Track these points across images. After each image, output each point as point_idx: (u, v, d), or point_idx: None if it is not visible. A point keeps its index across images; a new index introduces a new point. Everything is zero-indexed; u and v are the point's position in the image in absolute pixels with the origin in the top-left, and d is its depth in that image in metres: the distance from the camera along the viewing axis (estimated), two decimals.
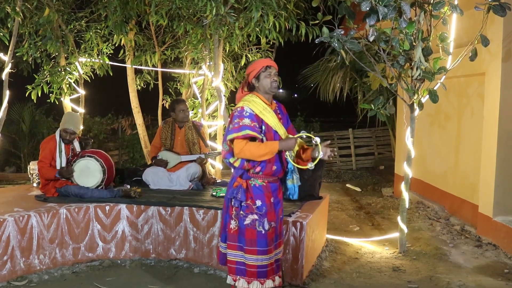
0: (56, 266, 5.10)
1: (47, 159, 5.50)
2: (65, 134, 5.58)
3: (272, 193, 3.80)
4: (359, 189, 9.86)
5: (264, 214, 3.71)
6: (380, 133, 13.48)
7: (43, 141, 5.66)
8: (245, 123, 3.64)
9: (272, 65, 3.82)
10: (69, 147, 5.65)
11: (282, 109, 3.97)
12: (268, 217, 3.73)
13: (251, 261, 3.69)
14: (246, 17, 6.43)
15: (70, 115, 5.81)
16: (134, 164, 12.39)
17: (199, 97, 8.24)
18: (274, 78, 3.79)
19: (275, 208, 3.81)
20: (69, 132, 5.58)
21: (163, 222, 5.39)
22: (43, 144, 5.60)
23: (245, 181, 3.76)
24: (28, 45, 7.30)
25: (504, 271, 5.25)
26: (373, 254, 5.86)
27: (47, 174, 5.50)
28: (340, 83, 11.53)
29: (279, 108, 3.94)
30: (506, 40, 5.82)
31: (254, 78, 3.80)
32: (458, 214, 7.11)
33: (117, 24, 7.17)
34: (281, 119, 3.87)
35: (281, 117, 3.90)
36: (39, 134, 12.14)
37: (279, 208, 3.89)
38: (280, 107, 3.97)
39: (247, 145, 3.61)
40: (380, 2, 4.78)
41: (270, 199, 3.78)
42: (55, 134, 5.63)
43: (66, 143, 5.63)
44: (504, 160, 5.96)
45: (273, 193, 3.81)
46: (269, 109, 3.78)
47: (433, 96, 5.40)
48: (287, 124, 3.93)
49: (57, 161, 5.53)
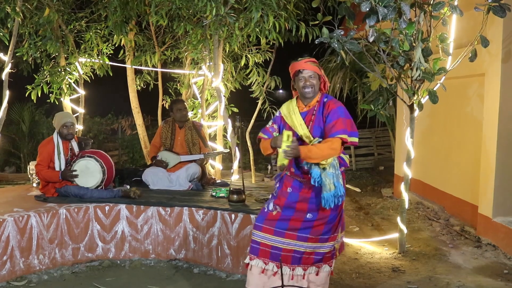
0: (55, 266, 5.11)
1: (45, 163, 5.48)
2: (65, 130, 5.56)
3: (291, 185, 3.96)
4: (358, 190, 9.86)
5: (275, 196, 4.03)
6: (380, 134, 13.49)
7: (41, 144, 5.64)
8: (268, 125, 4.11)
9: (305, 68, 3.82)
10: (67, 147, 5.64)
11: (325, 107, 3.83)
12: (275, 200, 4.01)
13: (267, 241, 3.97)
14: (246, 18, 6.42)
15: (61, 113, 5.78)
16: (134, 165, 12.41)
17: (199, 97, 8.24)
18: (306, 83, 3.82)
19: (287, 198, 3.93)
20: (69, 125, 5.57)
21: (163, 222, 5.39)
22: (41, 147, 5.58)
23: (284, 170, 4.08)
24: (28, 45, 7.29)
25: (503, 272, 5.25)
26: (372, 255, 5.87)
27: (49, 177, 5.49)
28: (340, 83, 11.54)
29: (321, 107, 3.86)
30: (506, 41, 5.82)
31: (292, 80, 3.97)
32: (458, 215, 7.11)
33: (117, 24, 7.16)
34: (313, 121, 3.84)
35: (315, 118, 3.84)
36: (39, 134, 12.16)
37: (294, 200, 3.91)
38: (322, 107, 3.85)
39: (260, 143, 4.08)
40: (380, 3, 4.78)
41: (286, 188, 3.97)
42: (53, 136, 5.61)
43: (69, 138, 5.61)
44: (504, 160, 5.97)
45: (293, 186, 3.95)
46: (296, 110, 3.91)
47: (432, 97, 5.40)
48: (326, 122, 3.77)
49: (56, 162, 5.52)
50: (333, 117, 3.73)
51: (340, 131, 3.68)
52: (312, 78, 3.82)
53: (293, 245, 3.93)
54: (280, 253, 3.92)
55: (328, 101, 3.85)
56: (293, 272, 3.97)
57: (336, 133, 3.68)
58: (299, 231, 3.92)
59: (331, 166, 3.70)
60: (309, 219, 3.90)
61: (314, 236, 3.92)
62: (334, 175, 3.71)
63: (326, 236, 3.95)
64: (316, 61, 3.91)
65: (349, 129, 3.73)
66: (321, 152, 3.63)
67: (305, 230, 3.91)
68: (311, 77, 3.82)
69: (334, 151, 3.67)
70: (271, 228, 3.94)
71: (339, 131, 3.68)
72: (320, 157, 3.64)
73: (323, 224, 3.91)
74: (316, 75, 3.85)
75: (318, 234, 3.92)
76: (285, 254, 3.93)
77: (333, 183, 3.69)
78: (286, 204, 3.94)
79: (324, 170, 3.70)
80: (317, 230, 3.91)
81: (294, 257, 3.95)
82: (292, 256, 3.95)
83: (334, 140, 3.66)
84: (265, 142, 4.00)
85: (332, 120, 3.73)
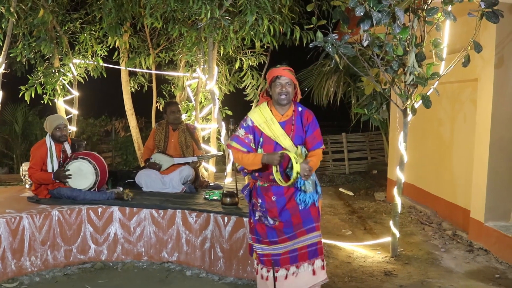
0: (47, 268, 5.09)
1: (37, 166, 5.47)
2: (58, 132, 5.55)
3: (273, 193, 3.96)
4: (352, 194, 9.87)
5: (266, 211, 3.98)
6: (374, 138, 13.51)
7: (34, 147, 5.61)
8: (238, 134, 3.97)
9: (283, 75, 3.87)
10: (60, 150, 5.62)
11: (303, 117, 3.98)
12: (269, 214, 3.98)
13: (267, 251, 4.01)
14: (241, 21, 6.43)
15: (52, 116, 5.76)
16: (127, 167, 12.37)
17: (193, 100, 8.24)
18: (282, 89, 3.87)
19: (277, 206, 3.95)
20: (61, 127, 5.57)
21: (156, 225, 5.38)
22: (34, 150, 5.55)
23: (253, 181, 4.12)
24: (22, 46, 7.27)
25: (495, 276, 5.27)
26: (365, 259, 5.88)
27: (42, 179, 5.48)
28: (334, 87, 11.55)
29: (299, 117, 3.97)
30: (498, 47, 5.86)
31: (269, 86, 3.99)
32: (450, 219, 7.14)
33: (112, 26, 7.16)
34: (293, 130, 3.92)
35: (296, 127, 3.93)
36: (32, 135, 12.10)
37: (283, 203, 3.95)
38: (301, 116, 3.98)
39: (237, 154, 3.97)
40: (374, 8, 4.80)
41: (270, 198, 3.96)
42: (45, 139, 5.60)
43: (62, 141, 5.61)
44: (496, 165, 6.00)
45: (274, 193, 3.96)
46: (274, 120, 3.91)
47: (426, 102, 5.42)
48: (307, 133, 3.96)
49: (48, 165, 5.50)
50: (313, 129, 3.98)
51: (320, 142, 4.00)
52: (289, 85, 3.88)
53: (307, 240, 3.99)
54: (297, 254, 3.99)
55: (305, 110, 4.01)
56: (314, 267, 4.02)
57: (319, 144, 3.98)
58: (303, 224, 3.97)
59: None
60: (303, 209, 3.96)
61: (317, 224, 4.03)
62: (314, 177, 3.98)
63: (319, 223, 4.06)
64: (293, 70, 4.00)
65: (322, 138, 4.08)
66: (316, 166, 3.88)
67: (309, 220, 3.98)
68: (288, 84, 3.87)
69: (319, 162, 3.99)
70: (285, 237, 3.99)
71: (320, 142, 3.99)
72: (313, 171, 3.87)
73: (317, 209, 4.02)
74: (292, 84, 3.91)
75: (319, 221, 4.05)
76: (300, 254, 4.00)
77: (313, 185, 3.95)
78: (279, 212, 3.95)
79: None
80: (317, 217, 4.02)
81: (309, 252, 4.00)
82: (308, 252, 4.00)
83: (319, 151, 3.98)
84: (247, 155, 3.91)
85: (313, 131, 3.97)
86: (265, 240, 4.01)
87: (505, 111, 5.97)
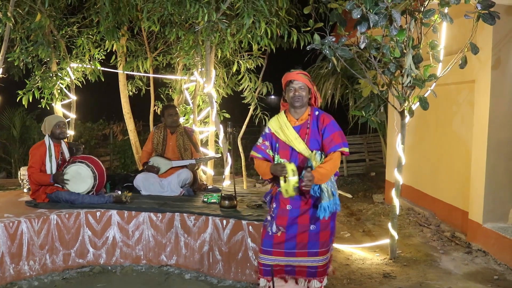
0: (46, 273, 5.09)
1: (37, 165, 5.48)
2: (58, 130, 5.61)
3: (290, 202, 3.93)
4: (350, 196, 9.88)
5: (275, 217, 3.97)
6: (371, 140, 13.53)
7: (33, 147, 5.64)
8: (258, 142, 4.07)
9: (296, 79, 3.90)
10: (58, 151, 5.64)
11: (319, 121, 3.94)
12: (277, 220, 3.95)
13: (259, 259, 4.04)
14: (238, 24, 6.44)
15: (50, 116, 5.81)
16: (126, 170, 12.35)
17: (190, 103, 8.24)
18: (295, 93, 3.89)
19: (289, 215, 3.93)
20: (61, 124, 5.65)
21: (154, 228, 5.38)
22: (33, 150, 5.58)
23: (276, 187, 4.08)
24: (19, 50, 7.26)
25: (493, 278, 5.28)
26: (364, 261, 5.88)
27: (40, 180, 5.48)
28: (332, 89, 11.57)
29: (315, 120, 3.95)
30: (495, 48, 5.87)
31: (284, 92, 4.03)
32: (449, 221, 7.14)
33: (109, 29, 7.16)
34: (308, 134, 3.90)
35: (311, 131, 3.91)
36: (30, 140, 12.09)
37: (296, 215, 3.93)
38: (317, 120, 3.95)
39: (256, 162, 4.07)
40: (371, 10, 4.81)
41: (285, 205, 3.95)
42: (44, 139, 5.61)
43: (62, 138, 5.66)
44: (494, 167, 6.01)
45: (291, 203, 3.93)
46: (288, 124, 3.94)
47: (423, 103, 5.43)
48: (324, 136, 3.89)
49: (47, 165, 5.52)
50: (330, 131, 3.88)
51: (339, 144, 3.85)
52: (302, 89, 3.90)
53: (306, 262, 3.98)
54: (295, 269, 4.01)
55: (321, 114, 3.97)
56: (309, 284, 4.08)
57: (336, 146, 3.84)
58: (308, 246, 3.94)
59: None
60: (313, 231, 3.92)
61: (324, 249, 3.98)
62: (331, 184, 3.86)
63: (331, 245, 4.06)
64: (308, 74, 4.00)
65: (344, 140, 3.91)
66: (329, 172, 3.79)
67: (314, 244, 3.94)
68: (301, 88, 3.90)
69: (337, 166, 3.88)
70: (281, 250, 3.97)
71: (339, 144, 3.85)
72: (329, 176, 3.81)
73: (328, 234, 3.97)
74: (306, 88, 3.92)
75: (327, 246, 3.99)
76: (298, 269, 4.02)
77: (332, 192, 3.84)
78: (289, 222, 3.94)
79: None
80: (325, 242, 3.97)
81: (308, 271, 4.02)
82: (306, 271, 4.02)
83: (336, 155, 3.84)
84: (262, 164, 3.99)
85: (330, 134, 3.87)
86: (281, 250, 3.96)
87: (502, 113, 5.98)
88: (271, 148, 4.01)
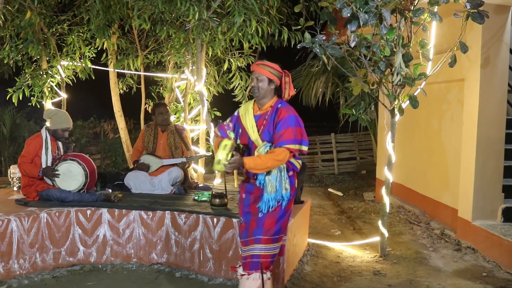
0: (36, 271, 5.06)
1: (29, 155, 5.46)
2: (62, 133, 5.61)
3: (245, 190, 3.97)
4: (341, 194, 9.91)
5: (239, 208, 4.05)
6: (362, 138, 13.57)
7: (29, 138, 5.64)
8: (225, 122, 4.13)
9: (254, 69, 3.92)
10: (54, 145, 5.63)
11: (277, 114, 3.81)
12: (239, 210, 4.04)
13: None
14: (229, 22, 6.45)
15: (63, 114, 5.79)
16: (116, 168, 12.33)
17: (181, 101, 8.24)
18: (252, 83, 3.92)
19: (244, 204, 3.96)
20: (67, 130, 5.68)
21: (145, 227, 5.38)
22: (29, 141, 5.58)
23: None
24: (9, 48, 7.24)
25: (482, 275, 5.32)
26: (354, 258, 5.90)
27: (29, 171, 5.44)
28: (322, 88, 11.58)
29: (273, 113, 3.85)
30: (484, 47, 5.91)
31: None
32: (438, 218, 7.19)
33: (100, 27, 7.15)
34: (264, 125, 3.85)
35: (267, 123, 3.84)
36: (20, 138, 12.03)
37: (248, 203, 3.91)
38: (275, 113, 3.84)
39: (215, 139, 4.10)
40: (361, 9, 4.83)
41: (242, 195, 4.00)
42: (41, 131, 5.60)
43: (61, 141, 5.65)
44: (483, 165, 6.05)
45: (246, 191, 3.96)
46: (250, 112, 3.95)
47: (413, 102, 5.46)
48: (275, 130, 3.77)
49: (42, 158, 5.49)
50: (282, 126, 3.74)
51: (288, 141, 3.70)
52: (259, 80, 3.85)
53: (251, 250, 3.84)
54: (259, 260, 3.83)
55: (282, 107, 3.85)
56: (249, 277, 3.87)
57: (283, 142, 3.70)
58: (254, 232, 3.83)
59: (276, 170, 3.77)
60: (261, 217, 3.82)
61: (267, 237, 3.81)
62: (278, 178, 3.77)
63: (277, 236, 3.86)
64: (272, 65, 3.91)
65: (299, 137, 3.75)
66: (265, 163, 3.66)
67: (258, 230, 3.81)
68: (258, 79, 3.86)
69: (279, 162, 3.70)
70: (243, 239, 3.92)
71: (286, 141, 3.70)
72: (264, 168, 3.68)
73: (274, 222, 3.82)
74: (266, 79, 3.85)
75: (271, 234, 3.82)
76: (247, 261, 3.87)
77: (275, 186, 3.76)
78: (243, 211, 3.96)
79: (269, 173, 3.77)
80: (269, 230, 3.81)
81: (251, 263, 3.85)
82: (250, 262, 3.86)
83: (280, 150, 3.69)
84: (217, 141, 3.99)
85: (281, 128, 3.74)
86: (243, 239, 3.92)
87: (491, 111, 6.03)
88: (233, 130, 4.03)
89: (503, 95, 6.10)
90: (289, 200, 3.87)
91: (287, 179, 3.82)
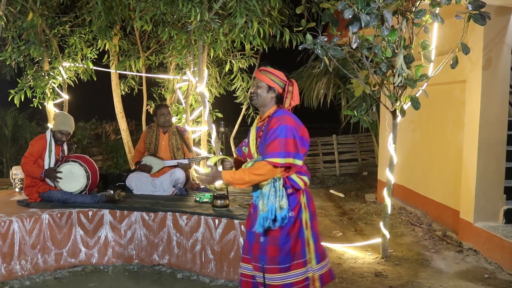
0: (38, 272, 5.07)
1: (32, 156, 5.47)
2: (60, 135, 5.62)
3: (253, 205, 3.56)
4: (342, 195, 9.91)
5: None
6: (364, 139, 13.58)
7: (34, 139, 5.68)
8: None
9: (255, 75, 3.58)
10: (59, 148, 5.64)
11: (269, 124, 3.38)
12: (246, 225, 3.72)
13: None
14: (231, 23, 6.45)
15: (65, 116, 5.80)
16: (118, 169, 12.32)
17: (183, 102, 8.24)
18: (251, 90, 3.57)
19: (251, 220, 3.55)
20: (65, 133, 5.64)
21: (146, 228, 5.38)
22: (33, 142, 5.61)
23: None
24: (11, 49, 7.23)
25: (484, 276, 5.32)
26: (355, 260, 5.90)
27: (32, 172, 5.45)
28: (324, 89, 11.59)
29: (268, 123, 3.42)
30: (486, 48, 5.91)
31: None
32: (440, 220, 7.18)
33: (102, 29, 7.15)
34: (260, 137, 3.47)
35: (263, 134, 3.43)
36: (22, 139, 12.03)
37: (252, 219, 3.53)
38: (269, 122, 3.41)
39: None
40: (362, 10, 4.83)
41: (250, 209, 3.65)
42: (46, 133, 5.62)
43: (59, 144, 5.65)
44: (485, 166, 6.05)
45: (253, 207, 3.57)
46: (255, 123, 3.63)
47: (415, 103, 5.46)
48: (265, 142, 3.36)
49: (45, 160, 5.51)
50: (270, 138, 3.31)
51: (271, 154, 3.25)
52: (258, 87, 3.50)
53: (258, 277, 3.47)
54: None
55: (274, 117, 3.41)
56: None
57: (265, 156, 3.28)
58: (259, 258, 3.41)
59: (269, 186, 3.32)
60: (263, 243, 3.40)
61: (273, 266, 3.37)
62: (269, 196, 3.30)
63: (287, 265, 3.39)
64: (273, 72, 3.53)
65: (289, 150, 3.27)
66: (242, 178, 3.30)
67: (262, 257, 3.39)
68: (257, 85, 3.50)
69: (260, 176, 3.28)
70: (244, 256, 3.63)
71: (269, 154, 3.26)
72: (243, 182, 3.30)
73: (276, 250, 3.36)
74: (265, 86, 3.49)
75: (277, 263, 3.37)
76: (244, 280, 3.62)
77: (266, 205, 3.29)
78: (249, 228, 3.57)
79: (262, 188, 3.36)
80: (273, 258, 3.37)
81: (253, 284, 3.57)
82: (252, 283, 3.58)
83: (260, 164, 3.28)
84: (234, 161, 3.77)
85: (268, 140, 3.31)
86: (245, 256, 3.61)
87: (493, 112, 6.02)
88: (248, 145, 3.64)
89: (505, 97, 6.09)
90: (290, 222, 3.39)
91: (283, 197, 3.31)
